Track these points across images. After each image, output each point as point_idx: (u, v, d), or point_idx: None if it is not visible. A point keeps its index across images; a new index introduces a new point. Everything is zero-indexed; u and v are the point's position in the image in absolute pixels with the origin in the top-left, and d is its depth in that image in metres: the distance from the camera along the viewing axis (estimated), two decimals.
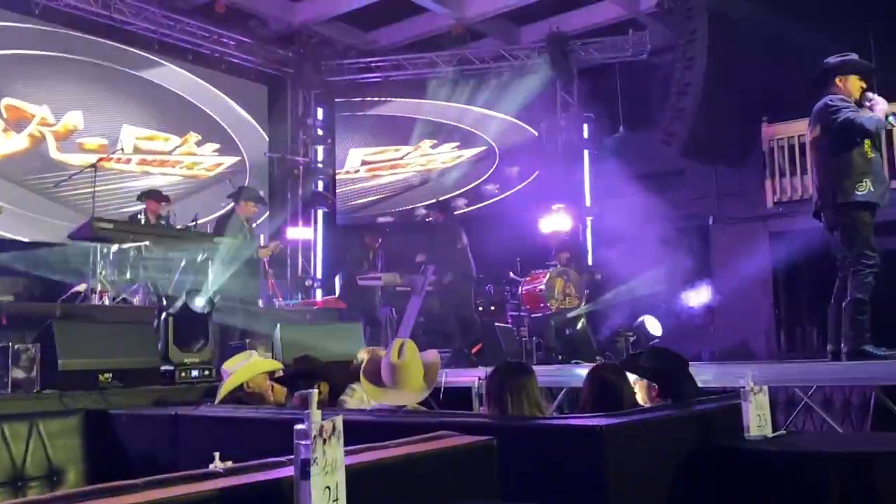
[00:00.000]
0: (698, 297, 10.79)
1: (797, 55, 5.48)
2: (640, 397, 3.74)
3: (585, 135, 12.00)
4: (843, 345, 4.87)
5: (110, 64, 10.38)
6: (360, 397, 3.88)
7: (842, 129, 4.80)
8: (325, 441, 1.38)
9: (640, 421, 2.73)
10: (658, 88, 11.61)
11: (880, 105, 4.85)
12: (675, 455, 2.78)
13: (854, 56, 4.97)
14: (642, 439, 2.68)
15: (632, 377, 3.84)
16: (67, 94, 9.99)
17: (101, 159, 8.90)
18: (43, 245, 8.96)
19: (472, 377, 5.66)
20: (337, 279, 11.14)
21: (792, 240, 9.02)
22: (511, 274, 9.72)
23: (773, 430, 3.05)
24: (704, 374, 4.62)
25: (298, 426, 1.39)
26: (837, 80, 4.93)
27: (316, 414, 1.39)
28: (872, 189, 4.76)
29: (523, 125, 12.36)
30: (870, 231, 4.82)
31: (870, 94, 4.90)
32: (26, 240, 9.09)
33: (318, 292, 11.69)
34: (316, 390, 1.45)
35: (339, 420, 1.42)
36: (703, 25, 9.49)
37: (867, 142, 4.79)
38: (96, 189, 8.61)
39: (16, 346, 4.18)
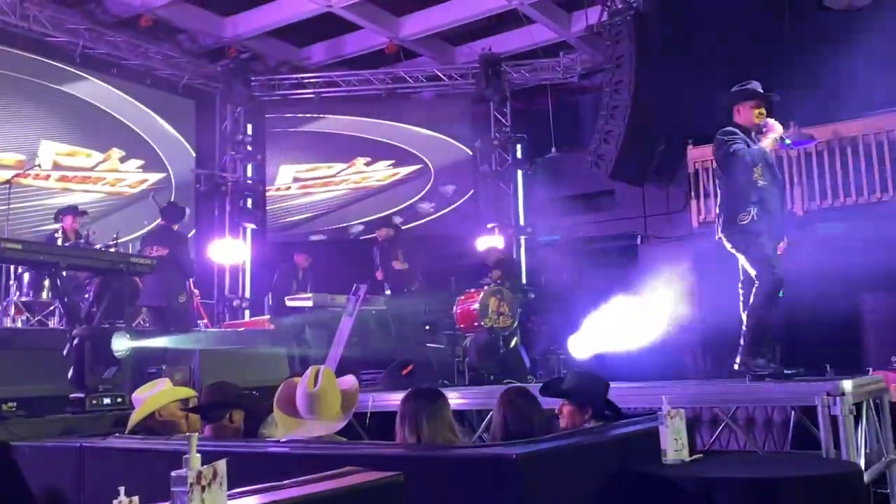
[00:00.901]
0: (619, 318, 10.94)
1: (721, 78, 5.60)
2: (566, 421, 3.73)
3: (518, 155, 12.13)
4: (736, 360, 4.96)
5: (29, 77, 9.99)
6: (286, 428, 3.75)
7: (725, 161, 4.95)
8: (204, 488, 1.28)
9: (556, 448, 2.69)
10: (588, 111, 11.82)
11: (773, 132, 4.97)
12: (593, 481, 2.75)
13: (752, 84, 5.09)
14: (559, 466, 2.64)
15: (557, 401, 3.82)
16: None
17: (16, 175, 8.57)
18: None
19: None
20: (266, 300, 10.90)
21: (717, 259, 9.21)
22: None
23: (691, 453, 3.06)
24: (628, 395, 4.63)
25: (174, 472, 1.30)
26: (735, 109, 5.08)
27: (195, 459, 1.30)
28: (756, 219, 4.86)
29: (458, 144, 12.40)
30: (766, 251, 4.89)
31: (766, 120, 5.02)
32: None
33: (247, 313, 11.44)
34: (196, 434, 1.36)
35: (221, 465, 1.33)
36: (630, 50, 9.70)
37: (756, 170, 4.90)
38: (12, 206, 8.28)
39: None
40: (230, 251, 11.66)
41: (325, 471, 2.06)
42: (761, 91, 5.03)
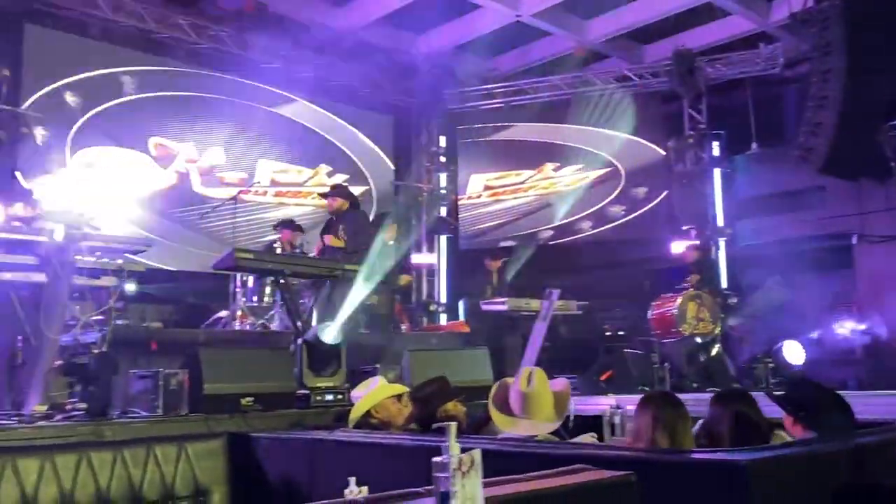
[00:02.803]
0: (845, 321, 10.13)
1: None
2: (790, 431, 3.54)
3: (716, 152, 11.60)
4: None
5: (248, 101, 11.00)
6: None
7: None
8: (464, 474, 1.38)
9: (786, 456, 2.58)
10: (792, 102, 11.12)
11: None
12: (826, 493, 2.60)
13: None
14: (789, 476, 2.52)
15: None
16: (209, 132, 10.66)
17: (240, 192, 9.40)
18: (188, 274, 9.54)
19: (603, 405, 5.53)
20: (461, 304, 11.22)
21: None
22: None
23: None
24: (860, 404, 4.32)
25: (437, 458, 1.41)
26: None
27: (454, 447, 1.40)
28: None
29: (650, 145, 12.11)
30: None
31: None
32: (173, 269, 9.68)
33: (443, 317, 11.82)
34: (454, 423, 1.46)
35: (477, 454, 1.42)
36: (841, 36, 9.01)
37: None
38: (236, 220, 9.12)
39: (165, 372, 4.45)
40: (426, 258, 12.13)
41: (548, 468, 2.12)
42: None
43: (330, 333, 5.03)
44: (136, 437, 4.00)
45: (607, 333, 9.94)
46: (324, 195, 7.64)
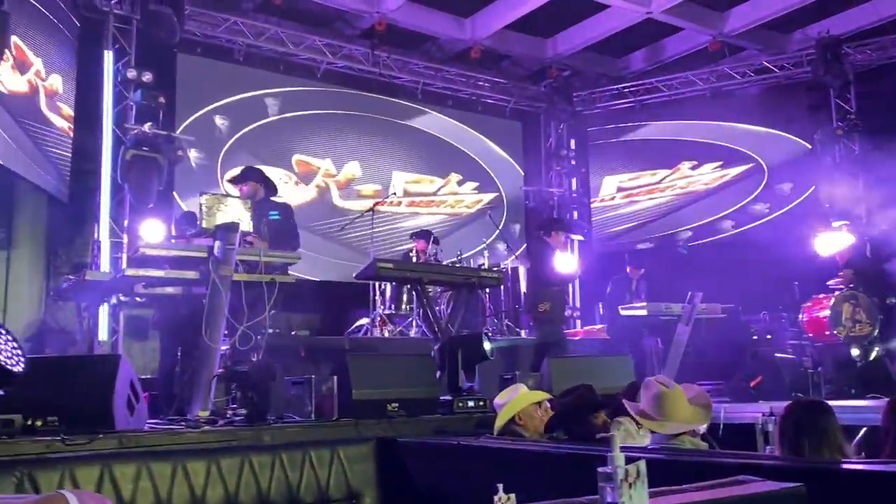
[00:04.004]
0: None
1: None
2: None
3: (867, 143, 10.86)
4: None
5: (381, 116, 11.37)
6: (626, 430, 3.79)
7: None
8: (630, 485, 1.36)
9: None
10: None
11: None
12: None
13: None
14: None
15: None
16: (346, 147, 11.09)
17: (376, 204, 9.70)
18: (330, 283, 9.93)
19: (755, 413, 5.31)
20: (599, 308, 11.05)
21: None
22: None
23: None
24: None
25: (602, 469, 1.40)
26: None
27: (619, 457, 1.39)
28: None
29: (794, 138, 11.51)
30: None
31: None
32: (317, 279, 10.09)
33: (578, 322, 11.67)
34: (617, 433, 1.45)
35: (642, 465, 1.40)
36: None
37: None
38: (373, 231, 9.41)
39: (317, 379, 4.64)
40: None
41: (707, 479, 2.05)
42: None
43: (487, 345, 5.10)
44: (292, 441, 4.19)
45: (754, 337, 9.49)
46: (232, 180, 6.25)
